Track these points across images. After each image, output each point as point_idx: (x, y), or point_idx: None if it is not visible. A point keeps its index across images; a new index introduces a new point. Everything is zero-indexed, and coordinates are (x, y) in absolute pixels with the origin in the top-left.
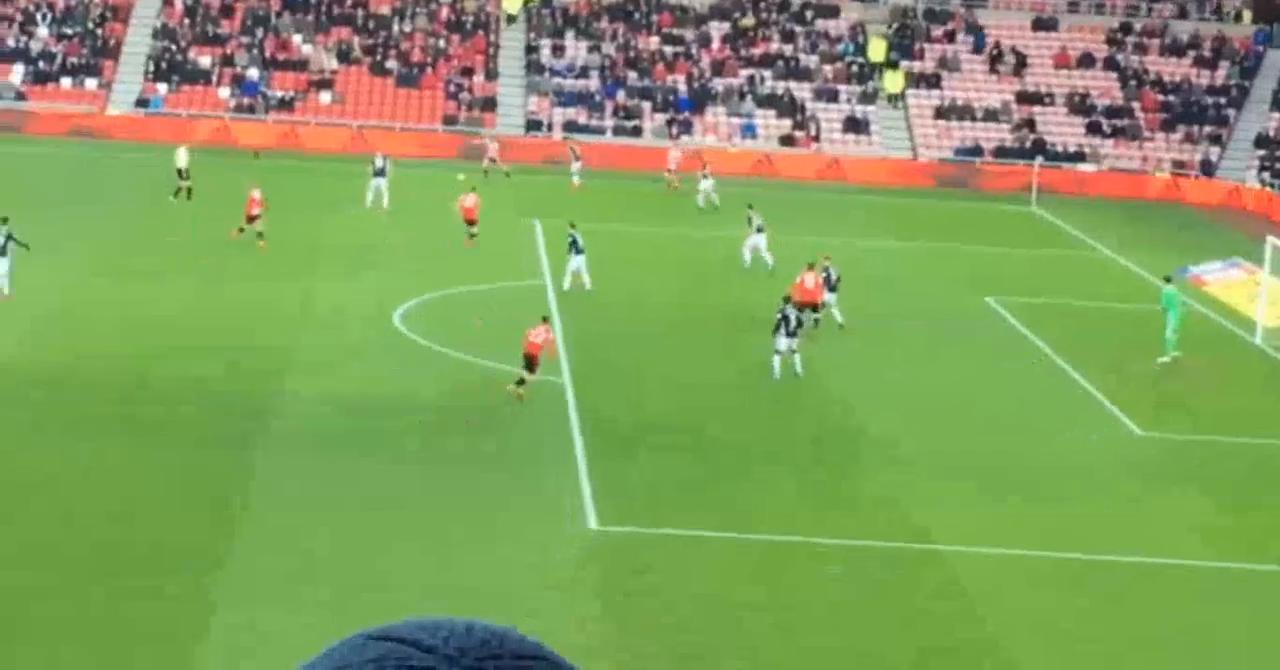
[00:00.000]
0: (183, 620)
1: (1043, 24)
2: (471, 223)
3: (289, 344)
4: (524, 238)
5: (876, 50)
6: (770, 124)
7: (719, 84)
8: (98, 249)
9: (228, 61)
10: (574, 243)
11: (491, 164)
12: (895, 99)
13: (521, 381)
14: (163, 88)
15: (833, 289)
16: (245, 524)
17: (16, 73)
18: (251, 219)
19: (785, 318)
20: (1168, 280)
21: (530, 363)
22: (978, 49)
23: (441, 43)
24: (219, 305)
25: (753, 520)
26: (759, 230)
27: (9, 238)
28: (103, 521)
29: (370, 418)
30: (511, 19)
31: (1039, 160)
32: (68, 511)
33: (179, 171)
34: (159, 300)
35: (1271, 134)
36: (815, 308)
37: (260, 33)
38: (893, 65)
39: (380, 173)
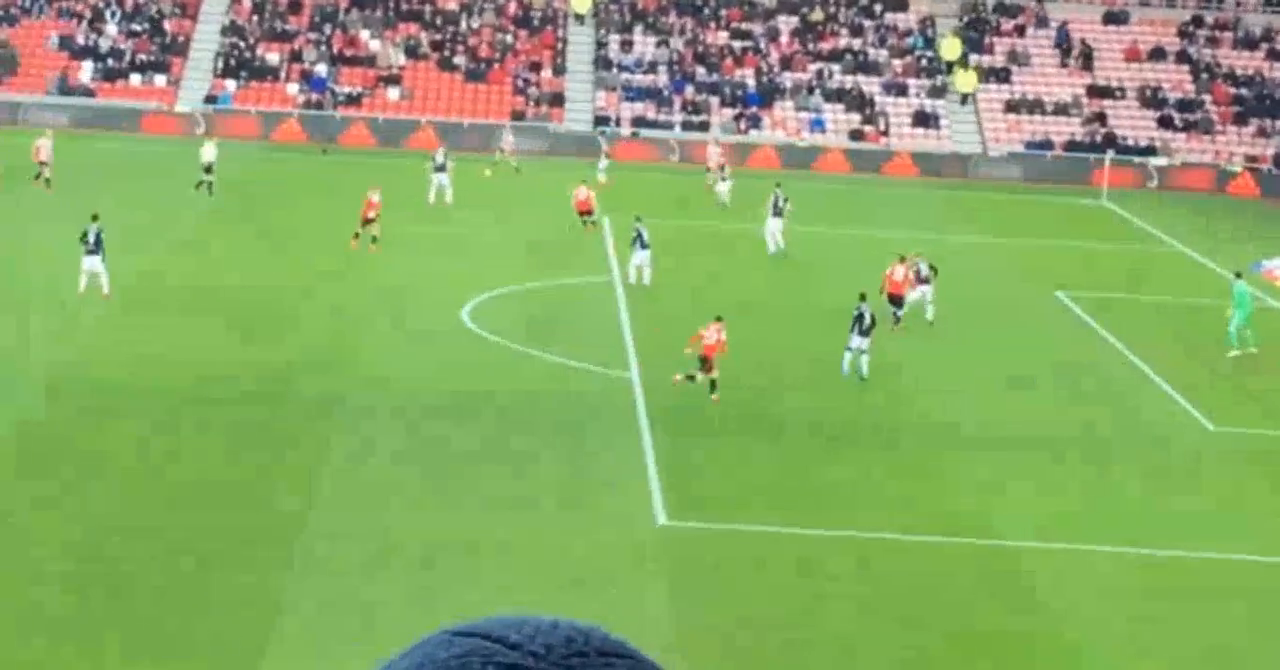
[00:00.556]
0: (254, 610)
1: (1113, 17)
2: (588, 213)
3: (357, 341)
4: (594, 233)
5: (950, 49)
6: (839, 118)
7: (787, 79)
8: (172, 241)
9: (296, 58)
10: (639, 237)
11: (502, 155)
12: (967, 98)
13: (691, 377)
14: (231, 84)
15: (923, 281)
16: (318, 512)
17: (86, 69)
18: (368, 222)
19: (860, 316)
20: (1238, 276)
21: (705, 363)
22: (1050, 42)
23: (509, 38)
24: (288, 302)
25: (822, 515)
26: (777, 213)
27: (99, 236)
28: (179, 507)
29: (438, 413)
30: (580, 18)
31: (1110, 154)
32: (146, 497)
33: (205, 166)
34: (232, 295)
35: None
36: (900, 302)
37: (328, 29)
38: (965, 64)
39: (441, 168)
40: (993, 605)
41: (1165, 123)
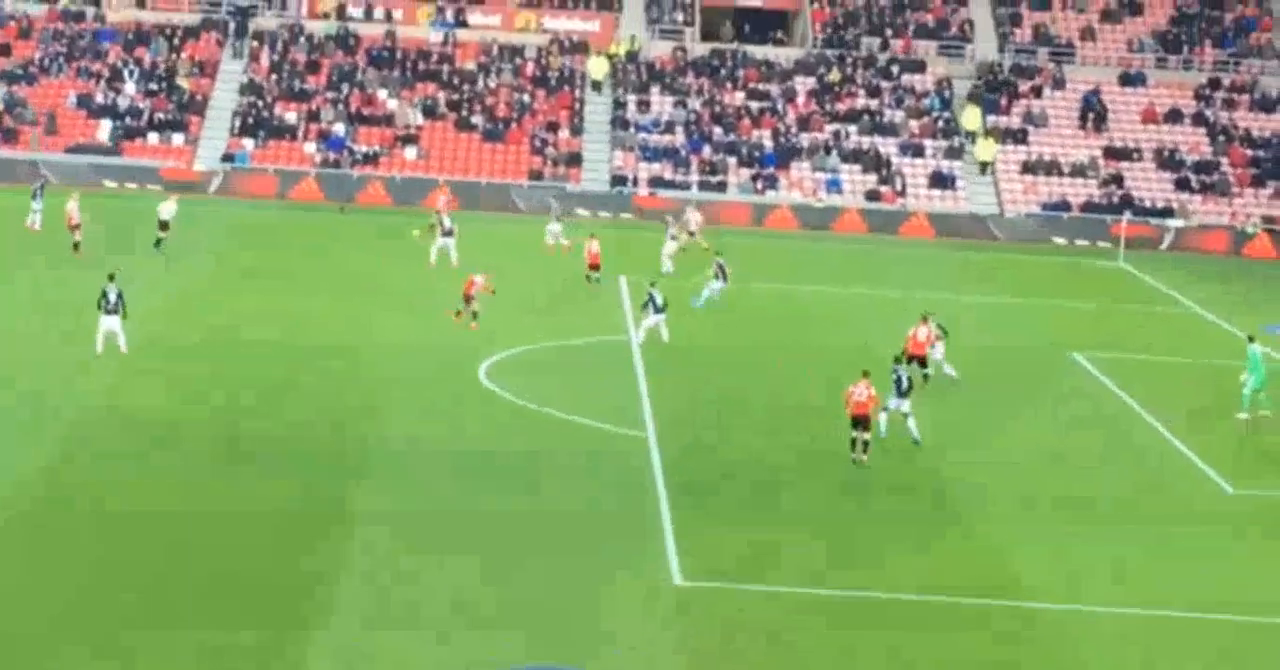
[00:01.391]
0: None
1: (1130, 79)
2: (595, 268)
3: (374, 399)
4: (609, 294)
5: (971, 118)
6: (856, 179)
7: (804, 139)
8: (190, 296)
9: (313, 117)
10: (651, 300)
11: (438, 215)
12: (987, 167)
13: (866, 445)
14: (249, 143)
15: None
16: (334, 569)
17: (104, 128)
18: (469, 299)
19: (899, 378)
20: (1251, 339)
21: (860, 421)
22: (1067, 104)
23: (527, 98)
24: (306, 360)
25: (842, 576)
26: (720, 278)
27: (120, 296)
28: (207, 557)
29: (453, 471)
30: (598, 85)
31: (1127, 215)
32: (169, 549)
33: (161, 223)
34: (252, 354)
35: None
36: (924, 362)
37: (346, 88)
38: (985, 134)
39: (448, 233)
40: (1012, 667)
41: (1182, 184)
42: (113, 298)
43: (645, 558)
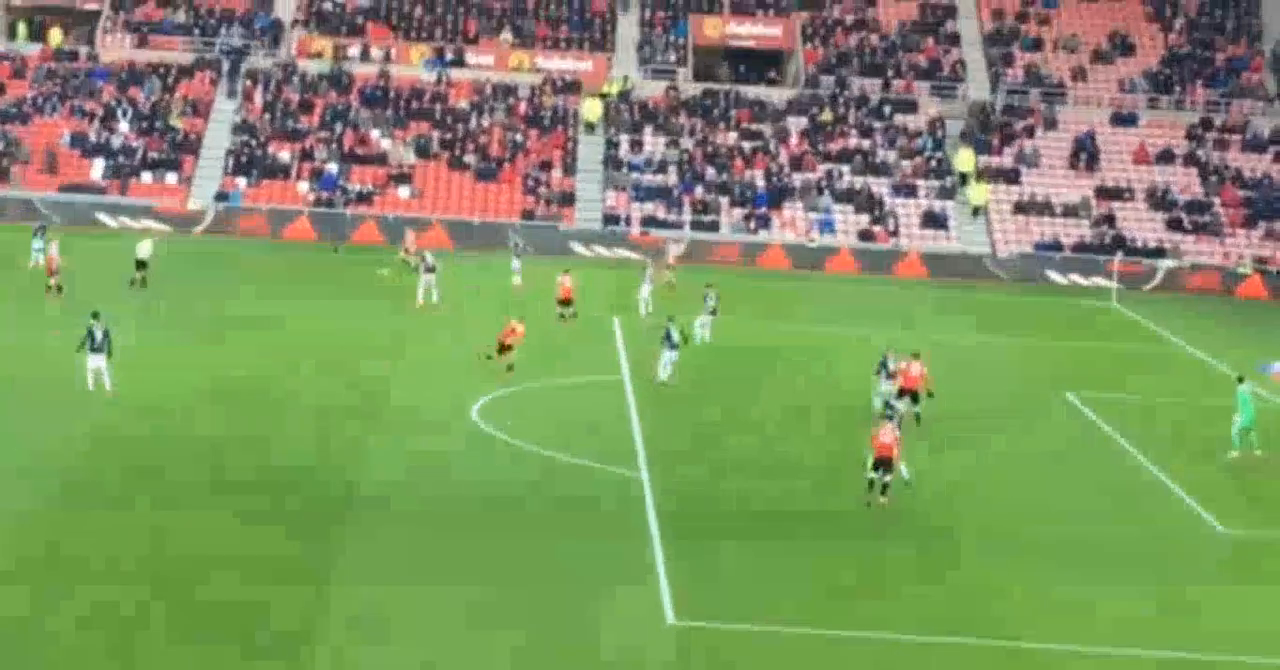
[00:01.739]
0: None
1: (1122, 119)
2: (566, 302)
3: (366, 438)
4: (603, 333)
5: (964, 161)
6: (849, 219)
7: (797, 179)
8: (183, 336)
9: (307, 156)
10: (668, 335)
11: (406, 254)
12: (979, 211)
13: (885, 487)
14: (242, 182)
15: (891, 376)
16: (324, 617)
17: (97, 167)
18: (505, 348)
19: (891, 415)
20: (1240, 380)
21: (883, 463)
22: (1059, 144)
23: (519, 137)
24: (296, 399)
25: (834, 616)
26: (712, 312)
27: (106, 334)
28: (191, 601)
29: (446, 512)
30: (591, 127)
31: (1119, 255)
32: (157, 584)
33: (139, 262)
34: (240, 389)
35: None
36: (916, 398)
37: (339, 127)
38: (979, 178)
39: (430, 269)
40: None
41: (1174, 224)
42: (99, 336)
43: (638, 597)
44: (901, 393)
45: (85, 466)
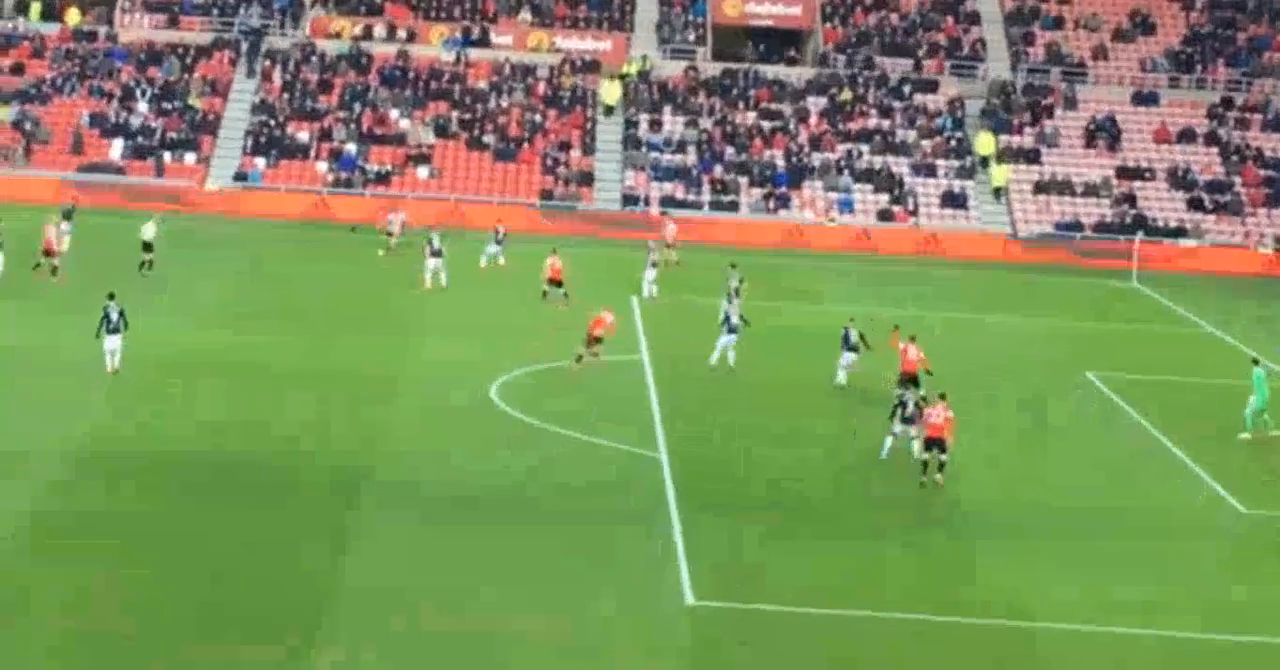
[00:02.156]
0: None
1: (1143, 99)
2: (556, 283)
3: (385, 417)
4: (621, 312)
5: (984, 144)
6: (868, 199)
7: (816, 159)
8: (201, 315)
9: (325, 136)
10: (726, 319)
11: (389, 238)
12: (1000, 192)
13: (942, 465)
14: (261, 162)
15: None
16: (342, 588)
17: (116, 147)
18: (595, 340)
19: (903, 403)
20: (1256, 362)
21: (935, 443)
22: (1079, 124)
23: (538, 117)
24: (315, 378)
25: (851, 596)
26: (735, 294)
27: (121, 314)
28: (204, 582)
29: (466, 491)
30: (610, 110)
31: (1140, 235)
32: (173, 571)
33: (144, 244)
34: (258, 370)
35: None
36: (916, 381)
37: (358, 107)
38: (999, 161)
39: (437, 253)
40: None
41: (1195, 204)
42: (114, 317)
43: (657, 577)
44: (902, 378)
45: (95, 446)
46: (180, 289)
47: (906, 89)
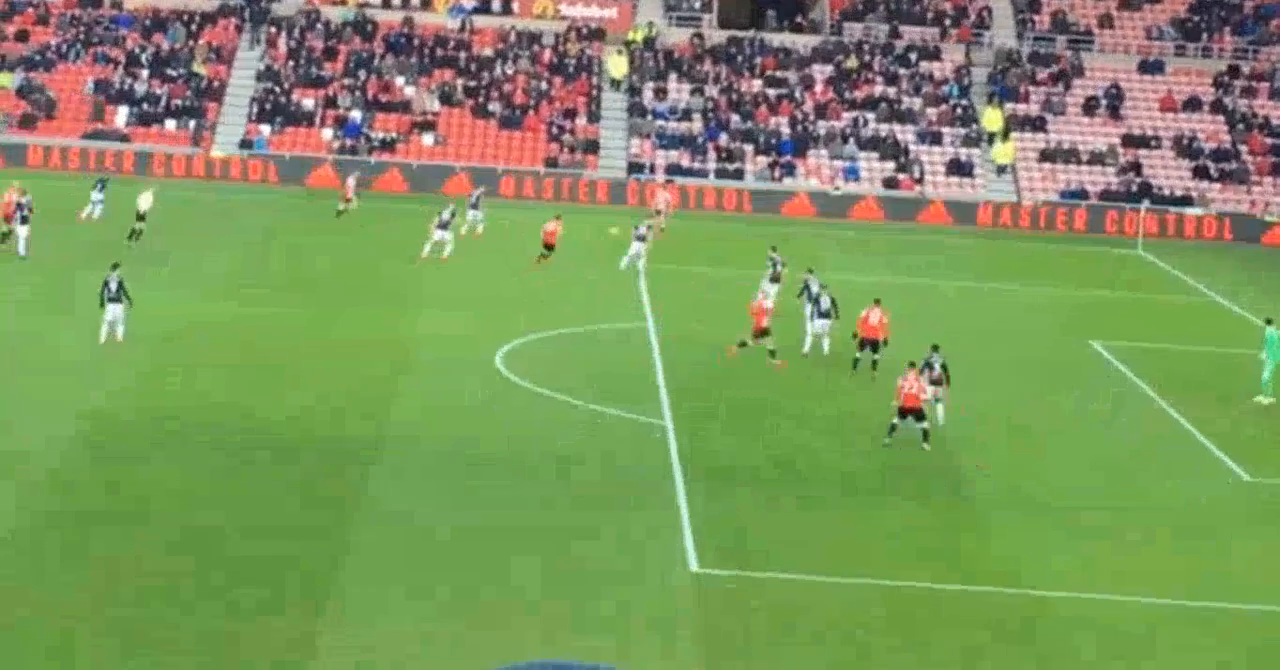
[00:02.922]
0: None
1: (1148, 67)
2: (550, 247)
3: (392, 387)
4: (627, 280)
5: (992, 120)
6: (873, 167)
7: (822, 127)
8: (206, 286)
9: (330, 103)
10: (816, 303)
11: (345, 202)
12: (1005, 169)
13: (925, 433)
14: (266, 129)
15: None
16: (352, 558)
17: (121, 114)
18: (762, 333)
19: (929, 364)
20: (1269, 322)
21: (911, 412)
22: (1085, 92)
23: (544, 85)
24: (322, 349)
25: (856, 564)
26: (775, 279)
27: (120, 284)
28: (215, 546)
29: (470, 459)
30: (617, 84)
31: (1145, 204)
32: (185, 532)
33: (138, 214)
34: (266, 340)
35: None
36: (875, 347)
37: (363, 75)
38: (1005, 137)
39: (444, 226)
40: (1024, 657)
41: (1200, 172)
42: (114, 287)
43: (661, 544)
44: (862, 343)
45: (104, 420)
46: (183, 259)
47: (912, 57)
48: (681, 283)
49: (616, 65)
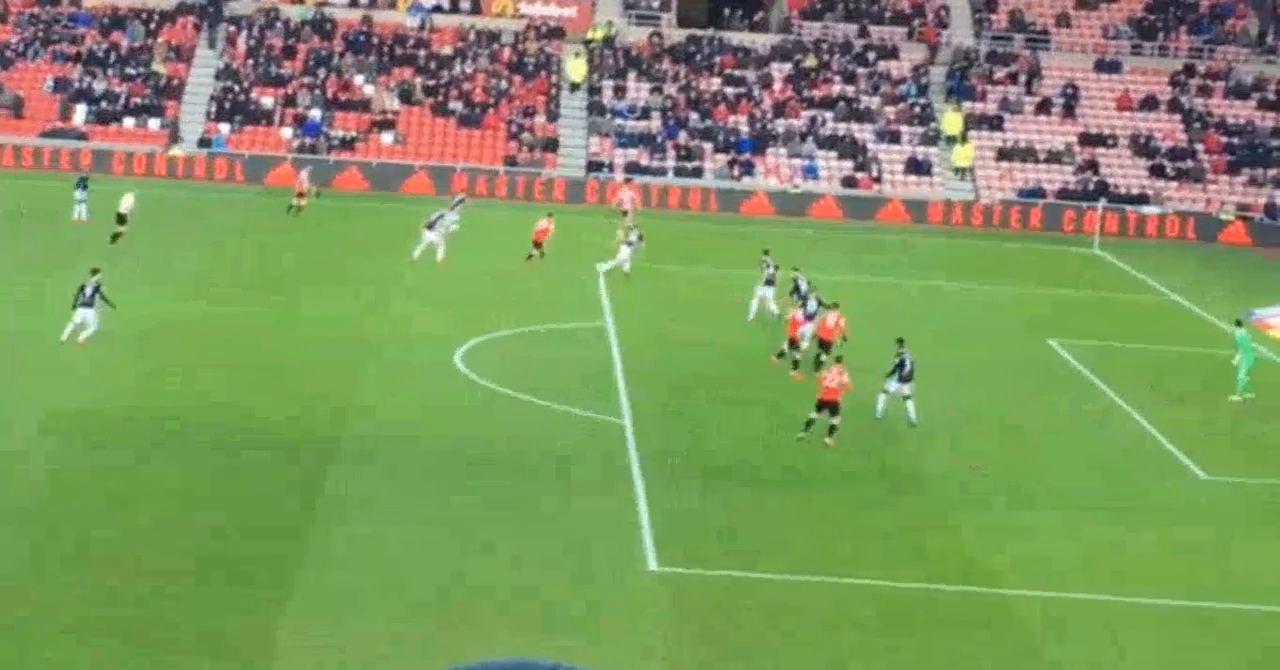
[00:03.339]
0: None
1: (1105, 66)
2: (538, 245)
3: (350, 384)
4: (586, 279)
5: (951, 123)
6: (832, 165)
7: (780, 125)
8: (167, 285)
9: (290, 102)
10: (805, 301)
11: (298, 198)
12: (963, 172)
13: (832, 429)
14: (225, 128)
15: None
16: (310, 556)
17: (80, 112)
18: (827, 345)
19: (901, 362)
20: (1238, 324)
21: (827, 405)
22: (1042, 90)
23: (503, 84)
24: (284, 346)
25: (813, 561)
26: (769, 282)
27: (96, 289)
28: (171, 536)
29: (428, 457)
30: (576, 87)
31: (1102, 202)
32: (154, 530)
33: (119, 216)
34: (217, 344)
35: None
36: (828, 348)
37: (322, 73)
38: (964, 140)
39: (431, 226)
40: (987, 653)
41: (1157, 171)
42: (88, 291)
43: (620, 543)
44: (821, 343)
45: (69, 413)
46: (152, 258)
47: (870, 56)
48: (641, 280)
49: (575, 68)
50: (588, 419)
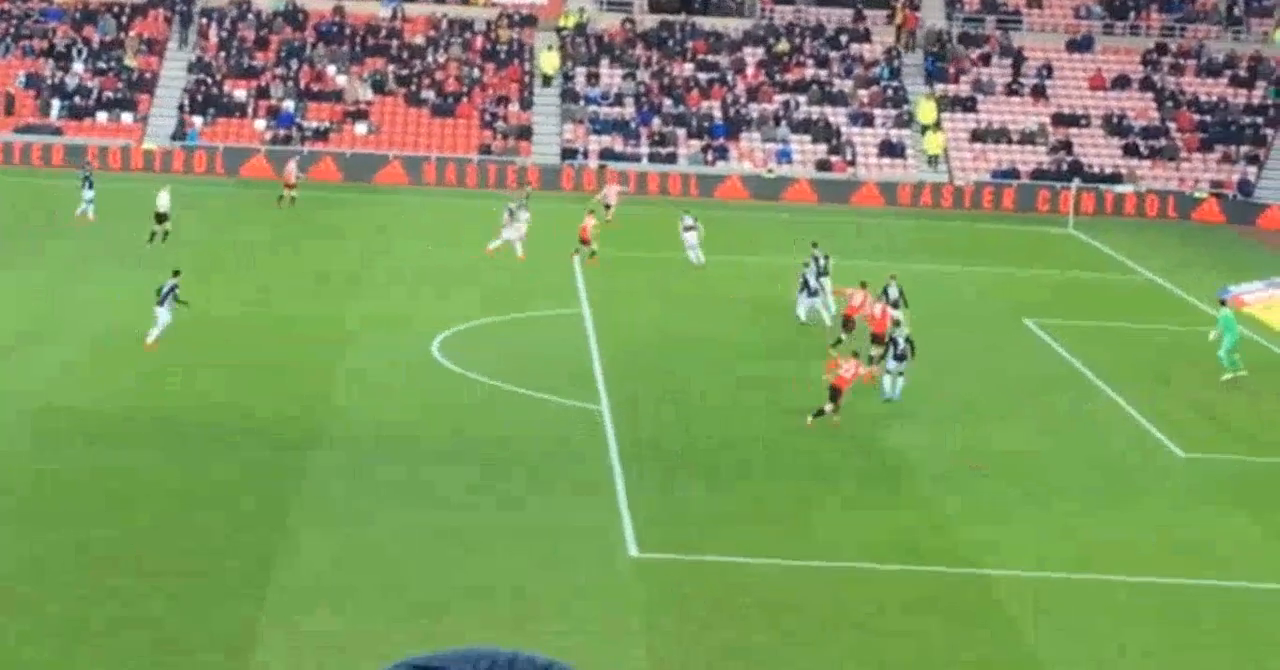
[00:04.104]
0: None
1: (1077, 45)
2: (585, 243)
3: (327, 377)
4: (561, 266)
5: (926, 112)
6: (806, 149)
7: (754, 110)
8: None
9: (263, 93)
10: (892, 346)
11: (287, 189)
12: (935, 160)
13: (820, 413)
14: (198, 121)
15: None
16: (288, 546)
17: (53, 107)
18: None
19: (894, 341)
20: (1223, 303)
21: (834, 392)
22: (1014, 71)
23: (476, 72)
24: (260, 336)
25: (793, 546)
26: (823, 273)
27: (172, 291)
28: (155, 532)
29: (406, 446)
30: (548, 80)
31: (1076, 182)
32: (127, 521)
33: (157, 215)
34: (195, 337)
35: None
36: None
37: (295, 64)
38: (938, 127)
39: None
40: (966, 634)
41: (1130, 150)
42: (163, 290)
43: (600, 530)
44: (874, 336)
45: (52, 412)
46: (144, 255)
47: (843, 39)
48: (617, 268)
49: (548, 61)
50: (566, 406)
